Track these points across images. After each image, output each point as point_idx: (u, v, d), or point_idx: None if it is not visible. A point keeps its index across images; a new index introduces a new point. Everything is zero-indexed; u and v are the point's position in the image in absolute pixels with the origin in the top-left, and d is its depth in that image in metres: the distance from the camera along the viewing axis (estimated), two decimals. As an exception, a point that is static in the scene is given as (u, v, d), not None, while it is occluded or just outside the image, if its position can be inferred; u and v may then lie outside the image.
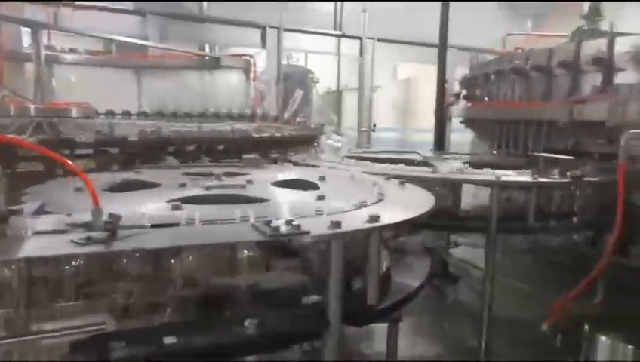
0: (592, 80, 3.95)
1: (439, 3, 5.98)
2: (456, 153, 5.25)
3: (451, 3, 5.98)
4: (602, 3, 5.73)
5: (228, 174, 2.50)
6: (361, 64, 10.00)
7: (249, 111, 6.28)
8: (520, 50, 6.04)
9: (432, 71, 6.47)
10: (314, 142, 4.99)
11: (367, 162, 3.81)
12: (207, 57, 8.65)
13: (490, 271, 3.00)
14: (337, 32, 9.90)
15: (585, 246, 3.82)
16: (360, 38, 9.83)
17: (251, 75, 8.83)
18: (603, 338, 2.80)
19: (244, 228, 1.39)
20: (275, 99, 8.87)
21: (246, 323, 1.38)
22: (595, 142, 3.81)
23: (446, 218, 3.17)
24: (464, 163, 3.99)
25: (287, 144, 4.20)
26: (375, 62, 10.08)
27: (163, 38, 8.47)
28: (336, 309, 1.48)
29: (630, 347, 2.71)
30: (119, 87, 7.68)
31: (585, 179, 2.99)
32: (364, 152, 5.30)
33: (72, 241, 1.18)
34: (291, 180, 2.47)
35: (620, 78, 3.79)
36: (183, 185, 2.16)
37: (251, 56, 8.96)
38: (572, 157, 3.14)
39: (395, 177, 2.50)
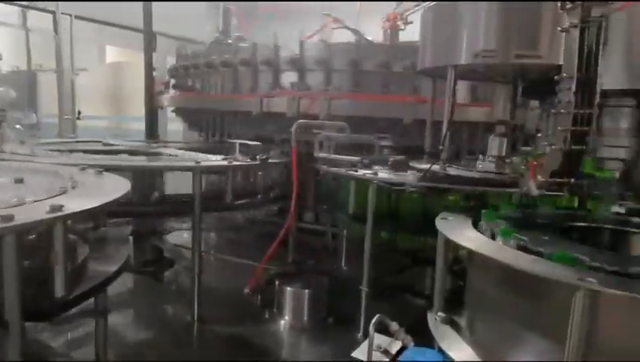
0: (267, 78, 4.71)
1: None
2: (166, 141, 5.35)
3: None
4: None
5: None
6: (58, 42, 8.77)
7: None
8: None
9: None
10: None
11: (66, 153, 3.57)
12: None
13: (197, 248, 3.27)
14: (23, 2, 8.36)
15: (275, 216, 4.59)
16: (53, 12, 8.57)
17: None
18: (289, 288, 3.48)
19: None
20: None
21: None
22: (278, 130, 4.57)
23: (153, 204, 3.27)
24: (171, 150, 4.15)
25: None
26: (78, 42, 8.99)
27: None
28: (16, 307, 1.40)
29: (307, 291, 3.46)
30: None
31: (270, 160, 3.59)
32: (65, 142, 4.82)
33: None
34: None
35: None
36: None
37: None
38: (260, 143, 3.70)
39: (93, 166, 2.44)
